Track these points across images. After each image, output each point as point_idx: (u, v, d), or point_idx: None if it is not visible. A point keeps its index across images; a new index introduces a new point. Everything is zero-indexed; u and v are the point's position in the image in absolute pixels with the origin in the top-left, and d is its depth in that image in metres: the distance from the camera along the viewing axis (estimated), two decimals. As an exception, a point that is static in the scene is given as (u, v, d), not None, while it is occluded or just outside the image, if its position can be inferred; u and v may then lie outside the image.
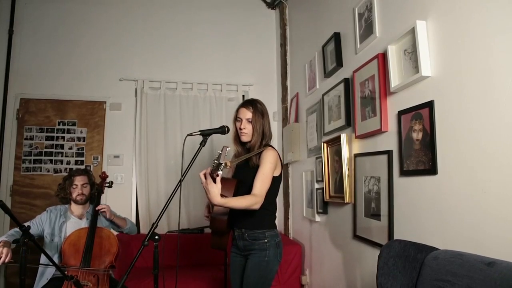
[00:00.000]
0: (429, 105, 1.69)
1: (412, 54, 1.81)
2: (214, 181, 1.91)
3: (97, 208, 2.76)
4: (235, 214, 2.21)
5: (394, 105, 1.99)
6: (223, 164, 1.85)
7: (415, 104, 1.80)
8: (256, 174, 2.13)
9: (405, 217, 1.90)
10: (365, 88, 2.27)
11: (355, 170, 2.42)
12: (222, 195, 2.01)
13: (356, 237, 2.41)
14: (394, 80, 1.94)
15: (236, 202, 2.01)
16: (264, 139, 2.26)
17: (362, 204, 2.32)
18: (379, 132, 2.11)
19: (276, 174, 2.22)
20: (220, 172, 1.86)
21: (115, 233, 2.88)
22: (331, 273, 2.87)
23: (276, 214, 2.31)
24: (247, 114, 2.26)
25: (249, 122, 2.25)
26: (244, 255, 2.27)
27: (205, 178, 1.93)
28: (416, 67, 1.77)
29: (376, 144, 2.18)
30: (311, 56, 3.38)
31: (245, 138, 2.27)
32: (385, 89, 2.06)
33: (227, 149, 1.87)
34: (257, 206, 2.06)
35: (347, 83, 2.56)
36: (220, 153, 1.86)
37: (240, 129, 2.27)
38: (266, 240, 2.18)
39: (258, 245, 2.19)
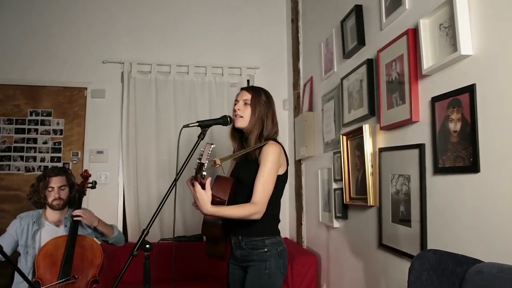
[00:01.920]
0: (470, 89, 1.67)
1: (449, 29, 1.78)
2: (203, 188, 1.91)
3: (73, 214, 2.73)
4: (231, 220, 2.19)
5: (426, 90, 1.98)
6: (205, 164, 1.84)
7: (453, 89, 1.78)
8: (256, 174, 2.12)
9: (441, 223, 1.89)
10: (392, 70, 2.25)
11: (380, 167, 2.41)
12: (216, 198, 2.02)
13: (382, 246, 2.41)
14: (427, 61, 1.92)
15: (231, 211, 2.01)
16: (264, 129, 2.24)
17: (389, 207, 2.31)
18: (408, 122, 2.09)
19: (281, 172, 2.21)
20: (204, 173, 1.86)
21: (99, 242, 2.88)
22: (352, 288, 2.86)
23: (287, 219, 2.30)
24: (245, 95, 2.27)
25: (246, 104, 2.25)
26: (242, 266, 2.27)
27: (193, 185, 1.93)
28: (454, 44, 1.74)
29: (405, 136, 2.17)
30: (327, 33, 3.37)
31: (239, 123, 2.25)
32: (416, 72, 2.04)
33: (212, 146, 1.86)
34: (257, 216, 2.06)
35: (371, 65, 2.55)
36: (203, 151, 1.85)
37: (235, 111, 2.27)
38: (265, 249, 2.16)
39: (256, 255, 2.17)
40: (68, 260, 2.56)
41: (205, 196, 1.91)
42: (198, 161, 1.85)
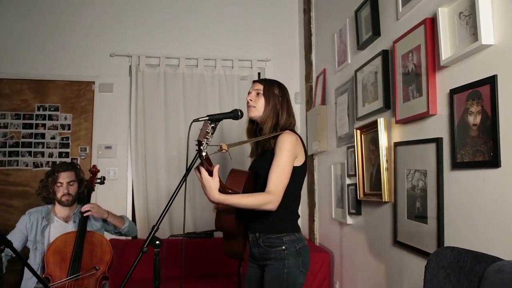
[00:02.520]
0: (491, 81, 1.65)
1: (469, 18, 1.76)
2: (211, 175, 1.89)
3: (82, 210, 2.76)
4: (247, 215, 2.19)
5: (445, 82, 1.96)
6: (203, 142, 1.75)
7: (473, 81, 1.76)
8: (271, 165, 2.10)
9: (458, 220, 1.88)
10: (408, 61, 2.24)
11: (395, 162, 2.40)
12: (229, 190, 2.00)
13: (397, 243, 2.40)
14: (446, 51, 1.90)
15: (241, 199, 1.99)
16: (280, 120, 2.22)
17: (404, 203, 2.31)
18: (425, 115, 2.08)
19: (298, 163, 2.17)
20: (204, 154, 1.77)
21: (110, 237, 2.90)
22: (367, 287, 2.86)
23: (299, 214, 2.29)
24: (257, 86, 2.28)
25: (258, 95, 2.25)
26: (260, 265, 2.25)
27: (199, 172, 1.91)
28: (474, 34, 1.72)
29: (421, 130, 2.16)
30: (341, 24, 3.35)
31: (252, 113, 2.25)
32: (434, 63, 2.03)
33: (210, 125, 1.79)
34: (271, 206, 2.02)
35: (386, 56, 2.53)
36: (201, 129, 1.79)
37: (248, 102, 2.27)
38: (283, 247, 2.13)
39: (274, 253, 2.14)
40: (77, 257, 2.59)
41: (212, 183, 1.89)
42: (196, 140, 1.78)
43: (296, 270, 2.13)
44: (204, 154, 1.78)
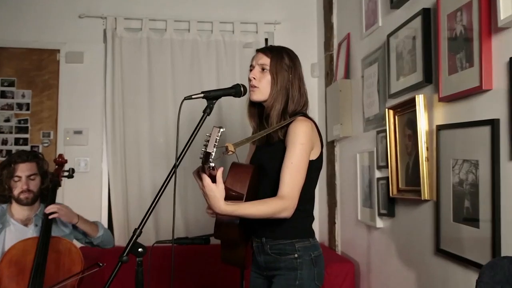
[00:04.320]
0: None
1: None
2: (214, 181, 1.91)
3: (46, 212, 2.76)
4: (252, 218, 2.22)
5: (503, 48, 1.95)
6: (212, 153, 1.83)
7: (539, 46, 1.75)
8: (282, 159, 2.11)
9: (519, 223, 1.88)
10: (456, 23, 2.22)
11: (438, 150, 2.40)
12: (232, 191, 2.02)
13: (440, 251, 2.41)
14: (505, 9, 1.86)
15: (252, 210, 2.02)
16: (289, 102, 2.23)
17: (450, 202, 2.31)
18: (478, 91, 2.07)
19: (313, 156, 2.20)
20: (212, 165, 1.85)
21: (79, 245, 2.91)
22: (400, 306, 2.88)
23: (316, 217, 2.33)
24: (262, 58, 2.25)
25: (264, 71, 2.23)
26: (267, 276, 2.29)
27: (200, 178, 1.93)
28: (541, -14, 1.69)
29: (472, 110, 2.16)
30: (370, -25, 3.33)
31: (255, 96, 2.24)
32: (489, 24, 2.01)
33: (220, 130, 1.85)
34: (286, 214, 2.06)
35: (427, 16, 2.52)
36: (210, 136, 1.85)
37: (250, 80, 2.26)
38: (296, 255, 2.17)
39: (284, 262, 2.18)
40: (39, 269, 2.60)
41: (216, 192, 1.90)
42: (203, 150, 1.85)
43: (310, 283, 2.18)
44: (212, 165, 1.84)
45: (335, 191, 4.01)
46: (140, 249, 1.88)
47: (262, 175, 2.23)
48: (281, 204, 2.03)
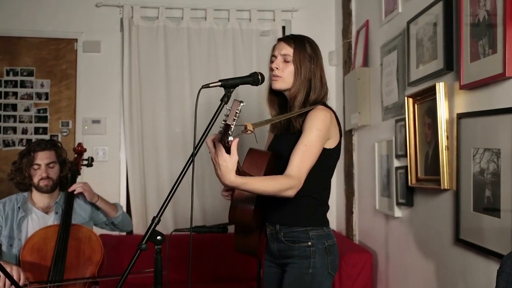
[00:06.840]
0: None
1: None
2: (228, 152, 1.88)
3: (70, 190, 2.81)
4: (265, 202, 2.23)
5: None
6: (232, 126, 1.80)
7: None
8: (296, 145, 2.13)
9: (541, 212, 1.85)
10: (479, 8, 2.20)
11: (458, 138, 2.39)
12: (247, 175, 2.02)
13: (460, 241, 2.40)
14: (529, -6, 1.85)
15: (260, 184, 2.01)
16: (312, 92, 2.25)
17: (470, 191, 2.29)
18: (501, 78, 2.04)
19: (331, 145, 2.22)
20: (230, 139, 1.81)
21: (100, 232, 2.93)
22: (419, 295, 2.87)
23: (333, 207, 2.32)
24: (284, 48, 2.25)
25: (287, 61, 2.24)
26: (280, 264, 2.31)
27: (214, 147, 1.92)
28: None
29: (495, 97, 2.14)
30: (389, -39, 3.30)
31: (278, 85, 2.26)
32: None
33: (241, 104, 1.83)
34: (291, 193, 2.06)
35: (449, 2, 2.49)
36: (230, 110, 1.83)
37: (272, 70, 2.26)
38: (309, 243, 2.19)
39: (298, 250, 2.20)
40: (60, 256, 2.63)
41: (229, 162, 1.88)
42: (223, 122, 1.82)
43: (324, 272, 2.20)
44: (231, 139, 1.81)
45: (353, 180, 4.00)
46: (158, 237, 1.88)
47: (278, 162, 2.23)
48: (287, 182, 2.04)
